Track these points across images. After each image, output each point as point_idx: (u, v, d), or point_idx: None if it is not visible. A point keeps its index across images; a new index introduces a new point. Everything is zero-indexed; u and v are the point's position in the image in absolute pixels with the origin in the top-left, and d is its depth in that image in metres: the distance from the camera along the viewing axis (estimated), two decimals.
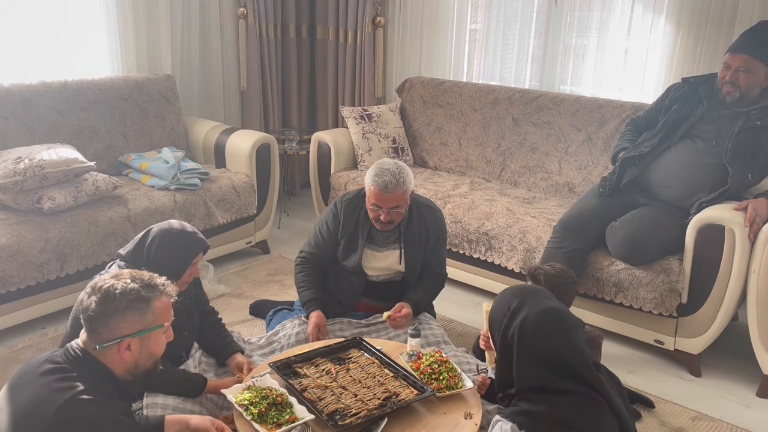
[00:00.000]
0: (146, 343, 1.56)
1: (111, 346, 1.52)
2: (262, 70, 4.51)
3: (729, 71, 2.70)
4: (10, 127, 3.17)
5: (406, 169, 2.48)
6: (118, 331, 1.52)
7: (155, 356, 1.61)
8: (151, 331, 1.56)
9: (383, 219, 2.46)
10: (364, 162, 3.89)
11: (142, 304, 1.54)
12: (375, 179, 2.43)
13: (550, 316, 1.74)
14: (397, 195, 2.43)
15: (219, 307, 2.81)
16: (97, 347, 1.52)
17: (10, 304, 2.77)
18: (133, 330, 1.53)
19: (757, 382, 2.63)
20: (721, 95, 2.73)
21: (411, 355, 2.21)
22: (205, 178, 3.47)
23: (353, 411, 1.89)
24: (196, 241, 2.20)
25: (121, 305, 1.51)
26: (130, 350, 1.53)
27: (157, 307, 1.57)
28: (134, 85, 3.67)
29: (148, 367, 1.60)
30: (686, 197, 2.76)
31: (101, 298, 1.51)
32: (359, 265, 2.57)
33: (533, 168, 3.63)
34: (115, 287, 1.52)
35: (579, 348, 1.72)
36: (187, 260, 2.17)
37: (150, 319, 1.55)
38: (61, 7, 3.51)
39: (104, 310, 1.51)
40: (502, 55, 4.08)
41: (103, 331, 1.51)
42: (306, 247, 2.70)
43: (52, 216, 2.87)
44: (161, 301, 1.58)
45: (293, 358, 2.17)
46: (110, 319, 1.51)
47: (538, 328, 1.72)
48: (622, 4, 3.55)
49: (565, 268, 2.37)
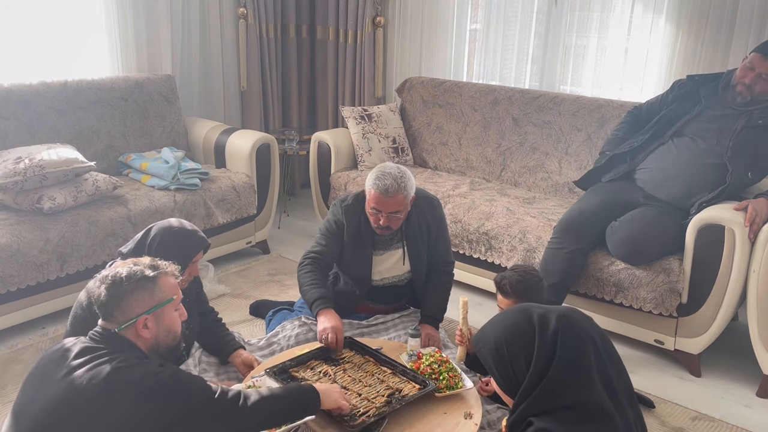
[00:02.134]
0: (161, 319, 1.63)
1: (130, 327, 1.59)
2: (262, 70, 4.51)
3: (752, 74, 2.67)
4: (10, 127, 3.17)
5: (408, 173, 2.43)
6: (132, 311, 1.59)
7: (174, 332, 1.67)
8: (163, 305, 1.63)
9: (382, 224, 2.41)
10: (364, 162, 3.89)
11: (149, 282, 1.61)
12: (376, 182, 2.38)
13: (575, 312, 1.54)
14: (398, 200, 2.38)
15: (219, 307, 2.81)
16: (116, 330, 1.59)
17: (10, 304, 2.77)
18: (147, 307, 1.60)
19: (757, 382, 2.63)
20: (733, 93, 2.72)
21: (411, 355, 2.21)
22: (205, 178, 3.47)
23: (362, 410, 1.89)
24: (196, 239, 2.21)
25: (129, 287, 1.59)
26: (147, 327, 1.60)
27: (163, 283, 1.64)
28: (134, 85, 3.67)
29: (169, 343, 1.66)
30: (687, 197, 2.76)
31: (110, 285, 1.59)
32: (368, 275, 2.55)
33: (533, 168, 3.63)
34: (121, 272, 1.60)
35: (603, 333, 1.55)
36: (188, 258, 2.17)
37: (159, 296, 1.62)
38: (61, 7, 3.51)
39: (115, 294, 1.58)
40: (502, 55, 4.08)
41: (119, 314, 1.59)
42: (315, 246, 2.56)
43: (52, 216, 2.87)
44: (166, 278, 1.66)
45: (288, 363, 2.14)
46: (122, 302, 1.58)
47: (574, 325, 1.49)
48: (622, 4, 3.55)
49: (528, 267, 2.28)
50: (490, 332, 1.56)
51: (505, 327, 1.55)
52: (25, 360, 2.66)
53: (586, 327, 1.52)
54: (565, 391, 1.44)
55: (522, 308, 1.58)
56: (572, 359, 1.46)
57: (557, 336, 1.47)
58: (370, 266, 2.54)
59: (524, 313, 1.55)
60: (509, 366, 1.51)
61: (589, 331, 1.51)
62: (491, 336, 1.55)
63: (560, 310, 1.54)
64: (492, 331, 1.56)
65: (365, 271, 2.55)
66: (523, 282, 2.13)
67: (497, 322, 1.58)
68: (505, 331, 1.54)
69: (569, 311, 1.54)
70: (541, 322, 1.51)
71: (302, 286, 2.45)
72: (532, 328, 1.51)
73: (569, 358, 1.45)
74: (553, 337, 1.47)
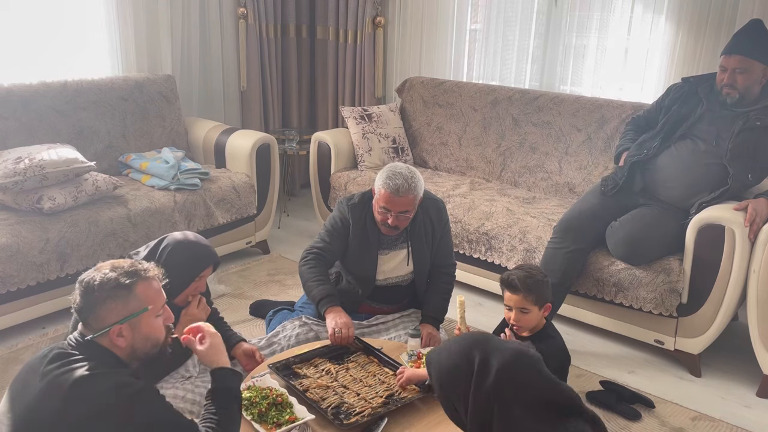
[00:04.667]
0: (138, 327, 1.57)
1: (104, 335, 1.54)
2: (262, 70, 4.51)
3: (726, 74, 2.70)
4: (10, 127, 3.17)
5: (417, 174, 2.45)
6: (104, 321, 1.53)
7: (153, 339, 1.61)
8: (137, 315, 1.56)
9: (390, 223, 2.42)
10: (364, 162, 3.89)
11: (123, 290, 1.55)
12: (387, 182, 2.39)
13: (523, 358, 1.44)
14: (408, 200, 2.40)
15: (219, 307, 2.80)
16: (91, 337, 1.54)
17: (10, 304, 2.77)
18: (119, 317, 1.54)
19: (757, 382, 2.63)
20: (722, 97, 2.73)
21: (411, 355, 2.21)
22: (205, 178, 3.47)
23: (357, 410, 1.89)
24: (208, 254, 2.19)
25: (101, 295, 1.53)
26: (123, 336, 1.55)
27: (140, 291, 1.57)
28: (134, 85, 3.67)
29: (148, 351, 1.60)
30: (687, 198, 2.76)
31: (83, 291, 1.54)
32: (372, 274, 2.55)
33: (533, 168, 3.63)
34: (94, 279, 1.54)
35: (554, 380, 1.46)
36: (196, 271, 2.14)
37: (134, 305, 1.56)
38: (61, 6, 3.51)
39: (87, 301, 1.54)
40: (502, 55, 4.08)
41: (93, 322, 1.54)
42: (318, 242, 2.55)
43: (52, 216, 2.87)
44: (144, 285, 1.58)
45: (292, 359, 2.16)
46: (94, 310, 1.53)
47: (518, 376, 1.41)
48: (622, 4, 3.55)
49: (533, 265, 2.33)
50: (434, 362, 1.49)
51: (443, 367, 1.47)
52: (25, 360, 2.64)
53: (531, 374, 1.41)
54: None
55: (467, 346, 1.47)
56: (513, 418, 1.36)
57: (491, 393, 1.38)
58: (375, 265, 2.55)
59: (466, 355, 1.44)
60: (452, 404, 1.46)
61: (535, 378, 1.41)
62: (434, 369, 1.49)
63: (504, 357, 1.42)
64: (436, 361, 1.49)
65: (370, 271, 2.55)
66: (531, 277, 2.15)
67: (442, 353, 1.50)
68: (442, 371, 1.47)
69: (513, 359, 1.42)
70: (480, 369, 1.41)
71: (306, 281, 2.45)
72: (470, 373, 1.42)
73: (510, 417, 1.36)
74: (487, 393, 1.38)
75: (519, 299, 2.12)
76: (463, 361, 1.44)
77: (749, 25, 2.73)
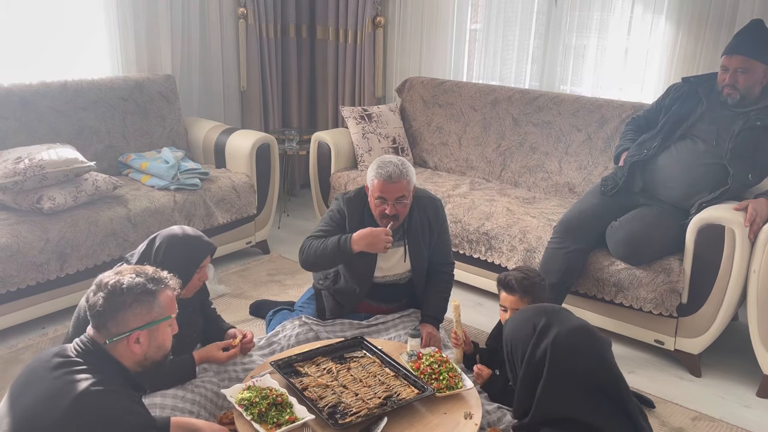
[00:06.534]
0: (155, 335, 1.58)
1: (121, 340, 1.54)
2: (262, 70, 4.51)
3: (727, 74, 2.70)
4: (10, 127, 3.17)
5: (407, 162, 2.49)
6: (126, 325, 1.54)
7: (164, 348, 1.63)
8: (159, 323, 1.58)
9: (389, 212, 2.44)
10: (364, 162, 3.89)
11: (149, 297, 1.56)
12: (378, 171, 2.42)
13: (584, 334, 1.60)
14: (402, 185, 2.42)
15: (219, 307, 2.81)
16: (107, 342, 1.54)
17: (10, 304, 2.77)
18: (142, 323, 1.55)
19: (757, 382, 2.63)
20: (723, 97, 2.73)
21: (411, 355, 2.21)
22: (205, 178, 3.47)
23: (354, 410, 1.89)
24: (202, 244, 2.20)
25: (128, 299, 1.53)
26: (139, 343, 1.55)
27: (162, 299, 1.59)
28: (134, 85, 3.67)
29: (157, 359, 1.62)
30: (687, 197, 2.76)
31: (109, 294, 1.53)
32: (370, 271, 2.56)
33: (533, 168, 3.63)
34: (122, 282, 1.54)
35: (614, 369, 1.59)
36: (195, 264, 2.16)
37: (157, 312, 1.58)
38: (61, 6, 3.51)
39: (112, 304, 1.53)
40: (502, 55, 4.08)
41: (112, 326, 1.53)
42: (318, 231, 2.56)
43: (52, 216, 2.87)
44: (166, 294, 1.61)
45: (294, 357, 2.17)
46: (118, 314, 1.53)
47: (572, 348, 1.57)
48: (622, 4, 3.55)
49: (530, 267, 2.36)
50: (508, 323, 1.81)
51: (514, 326, 1.73)
52: (25, 360, 2.66)
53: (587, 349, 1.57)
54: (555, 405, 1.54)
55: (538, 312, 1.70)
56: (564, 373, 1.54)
57: (546, 352, 1.56)
58: (373, 263, 2.55)
59: (533, 318, 1.67)
60: (514, 368, 1.65)
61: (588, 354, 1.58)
62: (507, 328, 1.78)
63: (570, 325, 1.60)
64: (510, 321, 1.80)
65: (368, 268, 2.56)
66: (528, 279, 2.17)
67: (516, 316, 1.80)
68: (513, 329, 1.73)
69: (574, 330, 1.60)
70: (541, 331, 1.60)
71: (317, 248, 2.47)
72: (532, 334, 1.62)
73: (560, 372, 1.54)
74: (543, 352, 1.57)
75: (515, 300, 2.14)
76: (526, 323, 1.66)
77: (750, 25, 2.73)
